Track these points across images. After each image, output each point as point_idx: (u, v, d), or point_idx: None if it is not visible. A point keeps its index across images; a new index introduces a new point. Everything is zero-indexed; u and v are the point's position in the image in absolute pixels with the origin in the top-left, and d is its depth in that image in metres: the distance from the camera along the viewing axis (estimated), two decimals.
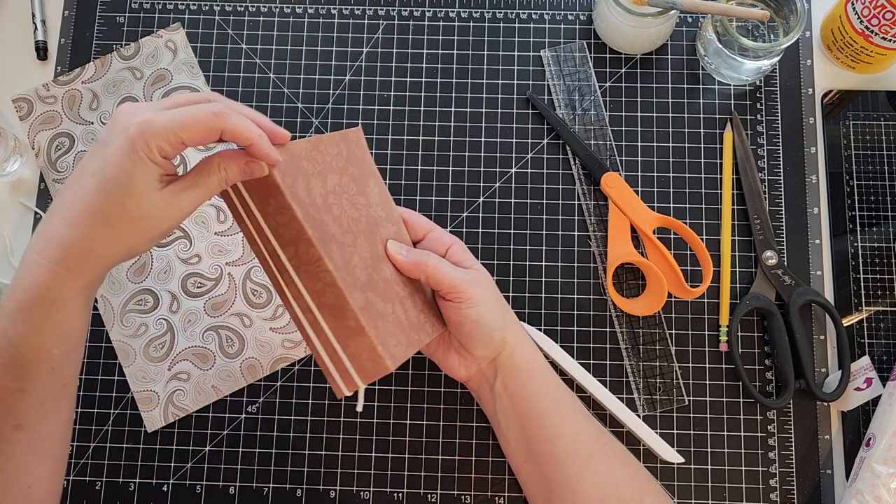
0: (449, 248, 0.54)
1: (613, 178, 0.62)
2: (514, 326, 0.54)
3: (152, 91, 0.65)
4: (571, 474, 0.50)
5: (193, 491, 0.59)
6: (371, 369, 0.45)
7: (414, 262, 0.50)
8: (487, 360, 0.53)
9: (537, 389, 0.52)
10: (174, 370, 0.60)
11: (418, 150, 0.64)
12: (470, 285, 0.50)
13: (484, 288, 0.52)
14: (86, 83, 0.65)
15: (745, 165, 0.63)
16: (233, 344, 0.60)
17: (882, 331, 0.60)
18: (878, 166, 0.63)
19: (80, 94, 0.65)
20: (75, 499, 0.59)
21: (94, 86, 0.65)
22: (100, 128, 0.64)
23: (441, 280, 0.50)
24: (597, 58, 0.66)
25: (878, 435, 0.55)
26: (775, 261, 0.61)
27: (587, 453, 0.51)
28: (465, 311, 0.50)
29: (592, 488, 0.50)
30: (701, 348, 0.60)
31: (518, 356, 0.53)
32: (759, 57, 0.61)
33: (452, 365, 0.54)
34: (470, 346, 0.52)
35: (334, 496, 0.59)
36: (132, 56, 0.66)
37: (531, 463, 0.52)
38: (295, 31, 0.67)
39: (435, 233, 0.55)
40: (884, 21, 0.58)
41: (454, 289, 0.50)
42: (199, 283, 0.61)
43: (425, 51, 0.66)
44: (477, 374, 0.54)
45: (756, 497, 0.58)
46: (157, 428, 0.59)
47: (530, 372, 0.53)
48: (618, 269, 0.62)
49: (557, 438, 0.51)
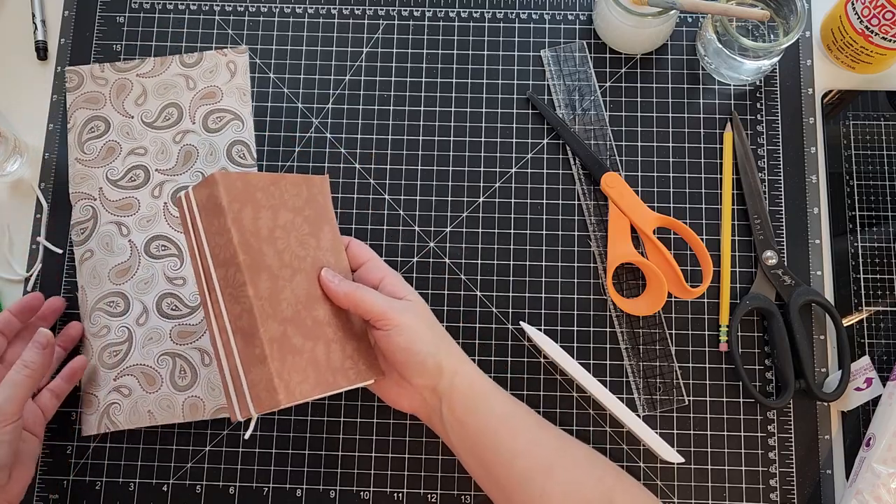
0: (383, 278, 0.54)
1: (613, 178, 0.62)
2: (451, 351, 0.53)
3: (199, 105, 0.64)
4: (534, 492, 0.49)
5: (193, 491, 0.59)
6: (265, 399, 0.46)
7: (343, 291, 0.51)
8: (428, 388, 0.52)
9: (485, 411, 0.52)
10: (118, 382, 0.58)
11: (418, 150, 0.64)
12: (397, 312, 0.51)
13: (414, 315, 0.52)
14: (140, 76, 0.64)
15: (745, 165, 0.63)
16: (185, 377, 0.58)
17: (882, 331, 0.60)
18: (878, 166, 0.63)
19: (132, 84, 0.64)
20: (75, 499, 0.59)
21: (148, 82, 0.64)
22: (138, 125, 0.63)
23: (369, 309, 0.51)
24: (597, 58, 0.66)
25: (878, 435, 0.55)
26: (775, 261, 0.61)
27: (548, 466, 0.50)
28: (395, 338, 0.51)
29: (558, 498, 0.49)
30: (701, 348, 0.60)
31: (459, 381, 0.52)
32: (759, 57, 0.61)
33: (395, 397, 0.54)
34: (406, 374, 0.52)
35: (334, 496, 0.59)
36: (193, 65, 0.65)
37: (494, 485, 0.51)
38: (295, 31, 0.67)
39: (372, 262, 0.56)
40: (884, 21, 0.58)
41: (382, 315, 0.51)
42: (175, 306, 0.59)
43: (425, 51, 0.66)
44: (422, 405, 0.53)
45: (756, 497, 0.58)
46: (90, 434, 0.58)
47: (474, 395, 0.52)
48: (618, 269, 0.62)
49: (515, 458, 0.50)
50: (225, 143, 0.63)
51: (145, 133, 0.63)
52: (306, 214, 0.53)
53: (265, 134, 0.65)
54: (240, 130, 0.63)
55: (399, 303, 0.52)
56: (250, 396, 0.47)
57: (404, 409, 0.55)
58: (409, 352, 0.51)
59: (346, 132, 0.65)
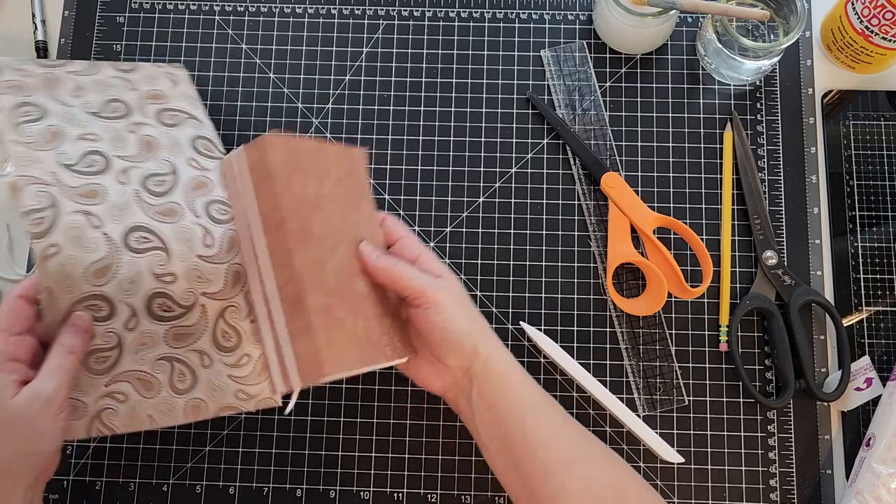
0: (419, 256, 0.54)
1: (613, 178, 0.62)
2: (487, 335, 0.53)
3: (147, 103, 0.56)
4: (555, 484, 0.49)
5: (193, 491, 0.59)
6: (311, 371, 0.45)
7: (382, 266, 0.51)
8: (461, 369, 0.52)
9: (515, 398, 0.52)
10: (111, 388, 0.50)
11: (418, 150, 0.64)
12: (436, 290, 0.50)
13: (451, 294, 0.51)
14: (72, 73, 0.55)
15: (745, 165, 0.63)
16: (184, 380, 0.52)
17: (882, 331, 0.60)
18: (878, 166, 0.63)
19: (62, 79, 0.54)
20: (75, 499, 0.59)
21: (82, 79, 0.55)
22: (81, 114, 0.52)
23: (407, 285, 0.50)
24: (597, 58, 0.66)
25: (878, 435, 0.55)
26: (775, 261, 0.61)
27: (569, 460, 0.50)
28: (433, 316, 0.50)
29: (576, 494, 0.49)
30: (701, 348, 0.60)
31: (493, 365, 0.52)
32: (759, 57, 0.61)
33: (426, 377, 0.54)
34: (440, 353, 0.51)
35: (334, 496, 0.59)
36: (129, 70, 0.58)
37: (514, 473, 0.51)
38: (295, 31, 0.67)
39: (407, 239, 0.55)
40: (884, 21, 0.58)
41: (420, 293, 0.50)
42: (168, 306, 0.50)
43: (425, 51, 0.66)
44: (452, 385, 0.53)
45: (756, 497, 0.58)
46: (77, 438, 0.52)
47: (506, 380, 0.52)
48: (618, 269, 0.62)
49: (538, 448, 0.50)
50: (186, 136, 0.56)
51: (92, 120, 0.53)
52: (347, 186, 0.51)
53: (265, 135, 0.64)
54: (199, 127, 0.57)
55: (437, 280, 0.51)
56: (295, 368, 0.45)
57: (434, 390, 0.54)
58: (445, 330, 0.50)
59: (346, 132, 0.65)
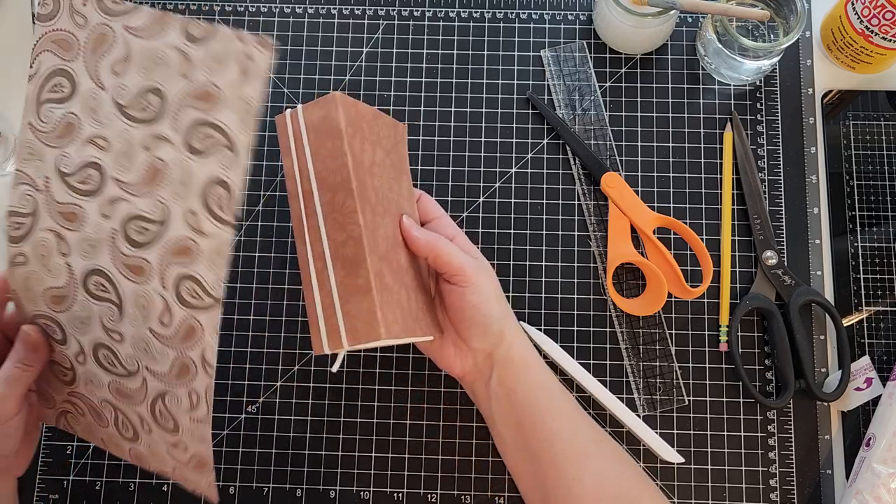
0: (455, 237, 0.54)
1: (613, 178, 0.62)
2: (513, 322, 0.54)
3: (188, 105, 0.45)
4: (568, 474, 0.50)
5: (193, 491, 0.59)
6: (362, 332, 0.45)
7: (425, 240, 0.51)
8: (483, 352, 0.53)
9: (534, 386, 0.52)
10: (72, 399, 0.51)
11: (418, 151, 0.64)
12: (474, 270, 0.51)
13: (488, 276, 0.52)
14: (128, 30, 0.45)
15: (745, 165, 0.63)
16: (128, 431, 0.50)
17: (882, 331, 0.60)
18: (878, 166, 0.63)
19: (114, 38, 0.45)
20: (75, 499, 0.59)
21: (134, 43, 0.44)
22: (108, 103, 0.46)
23: (448, 261, 0.50)
24: (597, 58, 0.66)
25: (878, 435, 0.55)
26: (775, 261, 0.61)
27: (583, 453, 0.51)
28: (469, 296, 0.50)
29: (589, 488, 0.50)
30: (701, 348, 0.60)
31: (515, 352, 0.52)
32: (759, 57, 0.61)
33: (449, 358, 0.54)
34: (468, 335, 0.52)
35: (334, 496, 0.59)
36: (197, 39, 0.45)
37: (527, 461, 0.52)
38: (295, 31, 0.67)
39: (444, 220, 0.56)
40: (884, 21, 0.58)
41: (460, 271, 0.50)
42: (112, 361, 0.48)
43: (425, 51, 0.66)
44: (472, 369, 0.54)
45: (756, 497, 0.58)
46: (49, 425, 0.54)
47: (527, 368, 0.53)
48: (618, 269, 0.62)
49: (554, 437, 0.51)
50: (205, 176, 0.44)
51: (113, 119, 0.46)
52: (393, 158, 0.52)
53: (265, 134, 0.65)
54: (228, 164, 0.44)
55: (475, 261, 0.52)
56: (345, 328, 0.45)
57: (454, 373, 0.54)
58: (478, 311, 0.51)
59: None
